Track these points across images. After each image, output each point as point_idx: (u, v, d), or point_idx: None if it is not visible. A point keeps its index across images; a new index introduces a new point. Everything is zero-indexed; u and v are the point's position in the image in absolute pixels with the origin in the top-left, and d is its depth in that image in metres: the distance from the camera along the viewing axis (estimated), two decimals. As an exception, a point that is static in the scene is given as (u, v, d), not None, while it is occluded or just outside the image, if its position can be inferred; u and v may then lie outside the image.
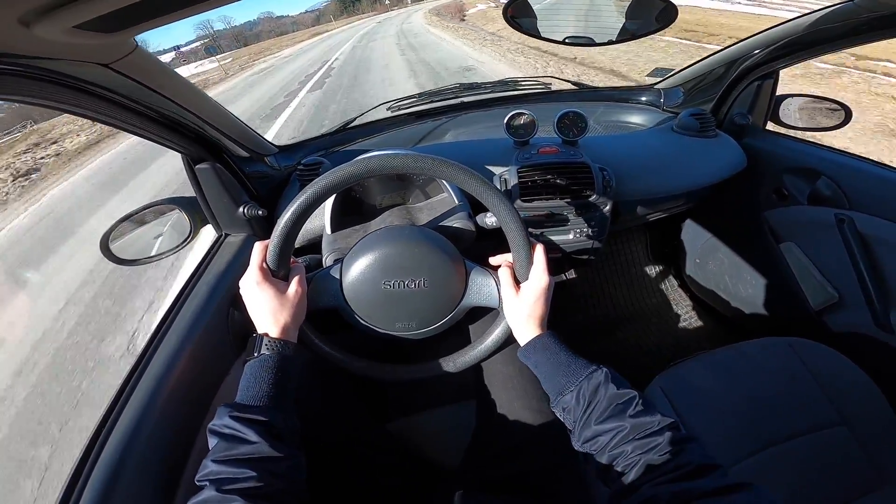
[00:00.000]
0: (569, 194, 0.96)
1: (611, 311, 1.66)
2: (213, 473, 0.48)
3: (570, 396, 0.58)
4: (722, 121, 1.18)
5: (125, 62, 0.58)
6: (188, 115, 0.79)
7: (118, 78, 0.61)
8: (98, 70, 0.57)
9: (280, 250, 0.63)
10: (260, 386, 0.56)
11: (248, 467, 0.48)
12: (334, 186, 0.61)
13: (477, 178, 0.63)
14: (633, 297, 1.70)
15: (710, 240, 1.47)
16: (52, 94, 0.54)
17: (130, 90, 0.65)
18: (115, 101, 0.64)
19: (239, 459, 0.49)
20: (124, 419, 0.64)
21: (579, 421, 0.56)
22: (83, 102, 0.60)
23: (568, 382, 0.59)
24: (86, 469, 0.58)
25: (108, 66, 0.57)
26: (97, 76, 0.59)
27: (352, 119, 1.34)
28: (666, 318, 1.60)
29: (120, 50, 0.56)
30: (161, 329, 0.80)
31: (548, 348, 0.63)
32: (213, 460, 0.49)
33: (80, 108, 0.60)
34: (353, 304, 0.68)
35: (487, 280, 0.70)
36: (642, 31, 0.86)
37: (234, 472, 0.48)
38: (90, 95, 0.60)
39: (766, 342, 0.94)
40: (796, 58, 0.97)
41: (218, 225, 1.01)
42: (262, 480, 0.48)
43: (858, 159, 1.04)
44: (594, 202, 0.98)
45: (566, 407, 0.58)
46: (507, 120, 1.04)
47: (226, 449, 0.50)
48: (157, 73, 0.67)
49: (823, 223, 1.04)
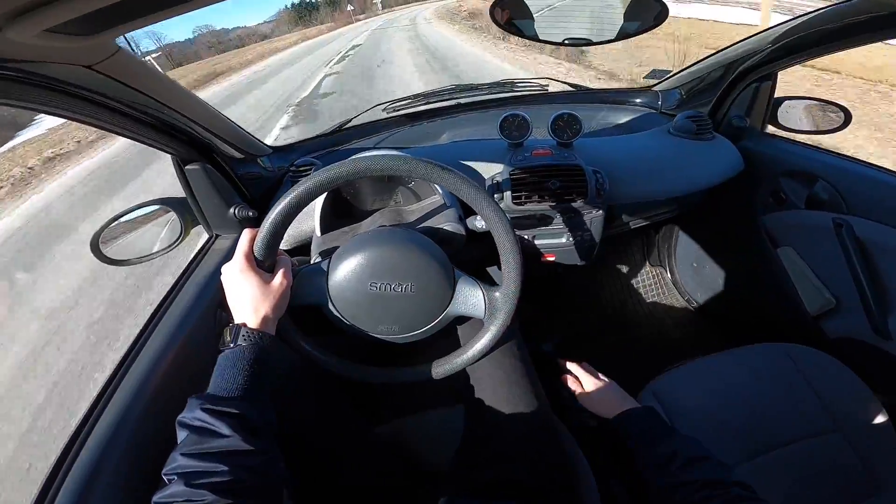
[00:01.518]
0: (562, 197, 0.95)
1: (605, 314, 1.65)
2: (182, 467, 0.46)
3: (664, 454, 0.63)
4: (719, 123, 1.17)
5: (108, 64, 0.58)
6: (176, 115, 0.78)
7: (102, 79, 0.60)
8: (81, 72, 0.57)
9: (269, 240, 0.62)
10: (235, 378, 0.54)
11: (220, 461, 0.46)
12: (327, 183, 0.60)
13: (465, 180, 0.62)
14: (628, 300, 1.69)
15: (708, 243, 1.46)
16: (35, 96, 0.54)
17: (115, 91, 0.65)
18: (99, 102, 0.64)
19: (210, 453, 0.47)
20: (106, 418, 0.64)
21: (662, 472, 0.61)
22: (67, 104, 0.59)
23: (670, 446, 0.63)
24: (64, 466, 0.58)
25: (90, 67, 0.57)
26: (80, 78, 0.58)
27: (347, 120, 1.33)
28: (661, 323, 1.59)
29: (102, 52, 0.56)
30: (147, 328, 0.80)
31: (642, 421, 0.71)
32: (183, 454, 0.47)
33: (64, 111, 0.59)
34: (338, 302, 0.67)
35: (474, 290, 0.69)
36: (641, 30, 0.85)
37: (205, 466, 0.46)
38: (73, 97, 0.60)
39: (762, 348, 0.94)
40: (795, 59, 0.95)
41: (209, 226, 1.01)
42: (235, 475, 0.46)
43: (857, 163, 1.02)
44: (588, 205, 0.97)
45: (665, 463, 0.62)
46: (501, 121, 1.03)
47: (196, 442, 0.48)
48: (143, 74, 0.66)
49: (821, 228, 1.03)
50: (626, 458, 0.67)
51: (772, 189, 1.16)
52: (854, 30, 0.80)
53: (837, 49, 0.87)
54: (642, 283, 1.71)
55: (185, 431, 0.49)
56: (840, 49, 0.87)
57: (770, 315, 1.27)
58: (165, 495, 0.44)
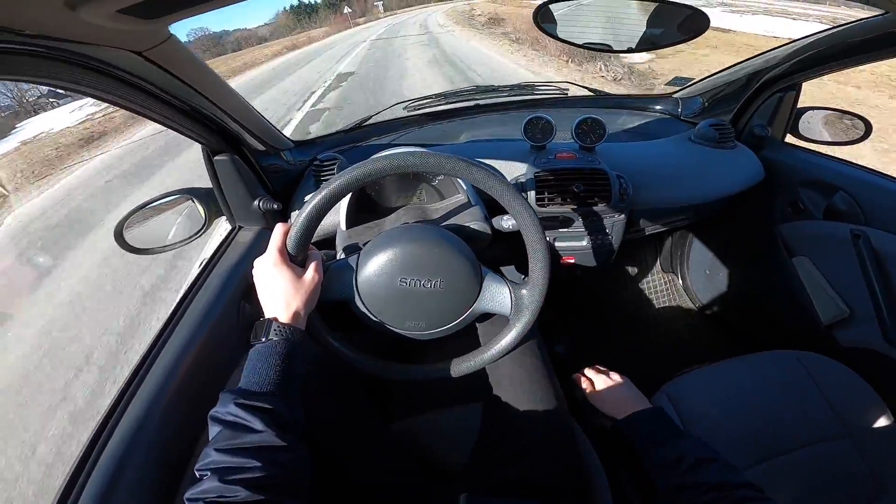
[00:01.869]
0: (585, 201, 0.96)
1: (619, 317, 1.66)
2: (215, 463, 0.46)
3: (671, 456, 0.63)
4: (741, 132, 1.17)
5: (158, 51, 0.59)
6: (212, 106, 0.79)
7: (149, 67, 0.61)
8: (131, 58, 0.58)
9: (302, 234, 0.62)
10: (267, 373, 0.54)
11: (253, 457, 0.46)
12: (364, 177, 0.61)
13: (500, 180, 0.63)
14: (643, 304, 1.70)
15: (722, 250, 1.46)
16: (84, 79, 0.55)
17: (160, 79, 0.66)
18: (144, 88, 0.65)
19: (243, 448, 0.47)
20: (133, 408, 0.64)
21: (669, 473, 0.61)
22: (113, 88, 0.60)
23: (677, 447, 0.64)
24: (93, 455, 0.58)
25: (141, 53, 0.57)
26: (130, 64, 0.59)
27: (368, 117, 1.34)
28: (674, 327, 1.59)
29: (154, 38, 0.56)
30: (173, 318, 0.80)
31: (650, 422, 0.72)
32: (217, 449, 0.47)
33: (108, 94, 0.60)
34: (367, 298, 0.68)
35: (501, 287, 0.70)
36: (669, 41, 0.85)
37: (239, 461, 0.46)
38: (121, 82, 0.60)
39: (774, 355, 0.94)
40: (821, 70, 0.96)
41: (232, 217, 1.02)
42: (267, 471, 0.46)
43: (877, 175, 1.03)
44: (610, 210, 0.98)
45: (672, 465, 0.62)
46: (525, 123, 1.04)
47: (230, 437, 0.48)
48: (188, 63, 0.67)
49: (838, 238, 1.04)
50: (635, 459, 0.68)
51: (790, 199, 1.17)
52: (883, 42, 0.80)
53: (864, 62, 0.88)
54: (655, 287, 1.71)
55: (219, 426, 0.50)
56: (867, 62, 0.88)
57: (783, 323, 1.28)
58: (198, 492, 0.45)
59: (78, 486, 0.54)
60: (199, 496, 0.44)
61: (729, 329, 1.48)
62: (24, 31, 0.43)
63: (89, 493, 0.54)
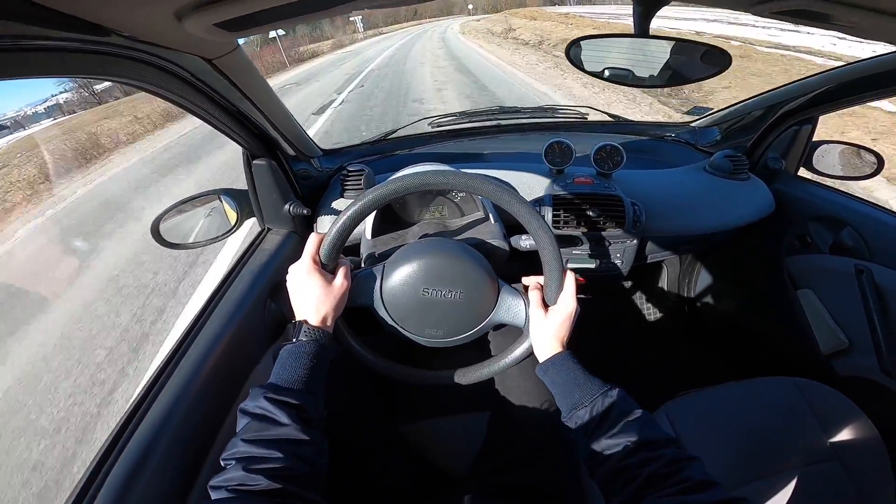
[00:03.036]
0: (599, 225, 1.00)
1: (624, 336, 1.68)
2: (241, 452, 0.49)
3: (584, 412, 0.60)
4: (755, 164, 1.20)
5: (225, 59, 0.64)
6: (258, 113, 0.84)
7: (214, 73, 0.66)
8: (202, 63, 0.63)
9: (335, 244, 0.66)
10: (295, 370, 0.57)
11: (277, 449, 0.49)
12: (393, 194, 0.65)
13: (523, 202, 0.66)
14: (648, 325, 1.72)
15: (728, 278, 1.48)
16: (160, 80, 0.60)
17: (219, 84, 0.71)
18: (205, 92, 0.70)
19: (268, 440, 0.50)
20: (165, 395, 0.67)
21: (590, 434, 0.58)
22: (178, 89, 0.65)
23: (583, 398, 0.61)
24: (122, 440, 0.61)
25: (210, 61, 0.62)
26: (199, 69, 0.64)
27: (393, 130, 1.39)
28: (676, 350, 1.61)
29: (225, 48, 0.61)
30: (204, 314, 0.84)
31: (566, 365, 0.66)
32: (244, 440, 0.49)
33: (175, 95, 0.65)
34: (390, 305, 0.71)
35: (517, 300, 0.73)
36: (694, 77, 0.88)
37: (263, 452, 0.48)
38: (186, 84, 0.66)
39: (773, 381, 0.96)
40: (839, 104, 0.98)
41: (262, 219, 1.06)
42: (288, 462, 0.49)
43: (885, 211, 1.05)
44: (623, 235, 1.01)
45: (578, 421, 0.60)
46: (546, 147, 1.08)
47: (257, 429, 0.51)
48: (246, 71, 0.73)
49: (842, 273, 1.06)
50: None
51: (799, 232, 1.19)
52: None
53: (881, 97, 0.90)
54: (662, 310, 1.73)
55: (247, 419, 0.52)
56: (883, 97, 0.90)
57: (783, 350, 1.30)
58: (222, 479, 0.47)
59: (107, 465, 0.58)
60: (221, 483, 0.47)
61: (731, 354, 1.50)
62: (131, 36, 0.48)
63: (117, 473, 0.57)
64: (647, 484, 0.49)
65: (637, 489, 0.50)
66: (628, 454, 0.53)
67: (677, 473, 0.49)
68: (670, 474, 0.49)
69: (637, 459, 0.52)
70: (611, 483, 0.54)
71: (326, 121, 7.53)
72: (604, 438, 0.56)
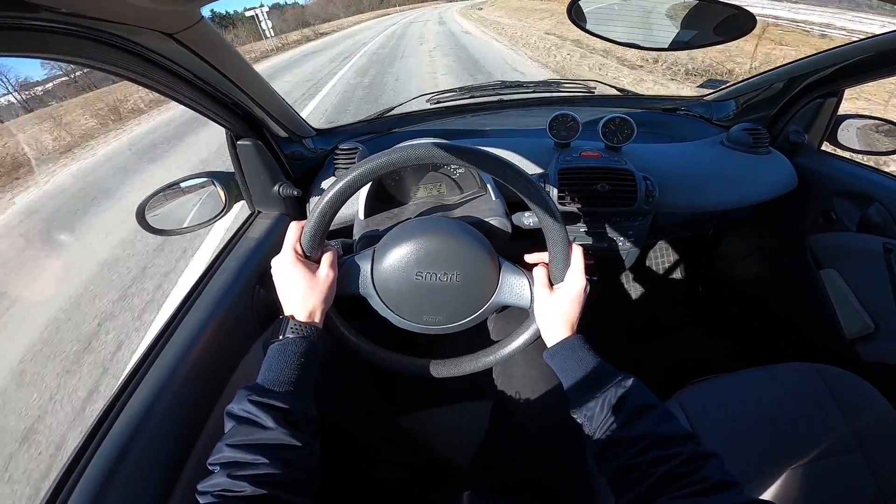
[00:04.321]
0: (609, 201, 0.94)
1: (635, 322, 1.62)
2: (225, 457, 0.47)
3: (595, 403, 0.56)
4: (776, 137, 1.13)
5: (188, 33, 0.58)
6: (238, 91, 0.79)
7: (180, 49, 0.61)
8: (164, 40, 0.58)
9: (315, 232, 0.61)
10: (282, 370, 0.55)
11: (262, 454, 0.47)
12: (375, 171, 0.59)
13: (522, 174, 0.61)
14: (661, 309, 1.66)
15: (747, 258, 1.42)
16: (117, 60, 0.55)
17: (190, 63, 0.65)
18: (174, 71, 0.65)
19: (253, 445, 0.48)
20: (142, 391, 0.64)
21: (600, 427, 0.54)
22: (144, 70, 0.60)
23: (594, 388, 0.57)
24: (97, 437, 0.58)
25: (172, 35, 0.57)
26: (161, 46, 0.59)
27: (390, 108, 1.33)
28: (692, 334, 1.56)
29: (186, 20, 0.56)
30: (189, 299, 0.81)
31: (576, 352, 0.62)
32: (228, 444, 0.48)
33: (139, 76, 0.60)
34: (383, 292, 0.67)
35: (520, 279, 0.68)
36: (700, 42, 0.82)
37: (247, 457, 0.47)
38: (152, 64, 0.60)
39: (793, 367, 0.92)
40: (866, 77, 0.92)
41: (251, 202, 1.02)
42: (274, 468, 0.47)
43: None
44: (634, 211, 0.95)
45: (588, 413, 0.56)
46: (551, 120, 1.01)
47: (241, 433, 0.49)
48: (217, 46, 0.67)
49: (870, 252, 1.00)
50: None
51: (823, 208, 1.13)
52: None
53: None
54: (676, 292, 1.67)
55: (232, 422, 0.50)
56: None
57: (805, 334, 1.24)
58: (208, 485, 0.46)
59: (79, 467, 0.55)
60: (208, 489, 0.46)
61: (749, 339, 1.44)
62: (61, 10, 0.43)
63: (91, 475, 0.54)
64: (660, 483, 0.46)
65: (649, 488, 0.46)
66: (641, 451, 0.49)
67: (694, 473, 0.45)
68: (686, 474, 0.46)
69: (651, 457, 0.48)
70: (621, 480, 0.50)
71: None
72: (615, 432, 0.52)
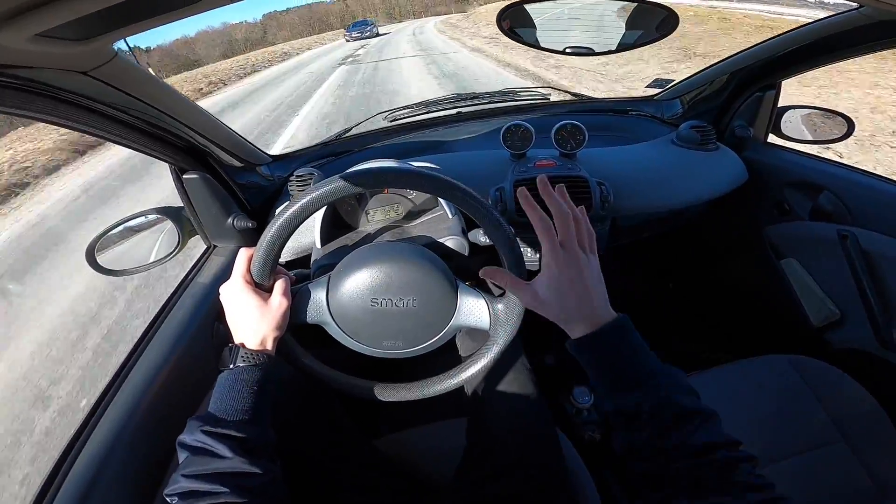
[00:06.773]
0: None
1: None
2: (182, 488, 0.46)
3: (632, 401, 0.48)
4: (723, 133, 1.16)
5: (105, 69, 0.56)
6: (174, 123, 0.77)
7: (99, 86, 0.59)
8: (78, 78, 0.56)
9: (264, 261, 0.60)
10: (234, 399, 0.53)
11: (221, 483, 0.46)
12: (323, 198, 0.58)
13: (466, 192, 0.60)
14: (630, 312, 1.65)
15: (710, 255, 1.45)
16: (31, 104, 0.52)
17: (113, 98, 0.63)
18: (96, 109, 0.62)
19: (211, 475, 0.47)
20: (101, 429, 0.63)
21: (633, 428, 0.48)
22: (62, 112, 0.57)
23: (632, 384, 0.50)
24: (57, 479, 0.56)
25: (86, 73, 0.55)
26: (77, 85, 0.57)
27: (348, 129, 1.32)
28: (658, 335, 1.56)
29: (98, 58, 0.54)
30: (144, 339, 0.79)
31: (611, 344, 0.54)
32: (184, 475, 0.47)
33: (59, 118, 0.58)
34: (339, 320, 0.65)
35: (478, 301, 0.67)
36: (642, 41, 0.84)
37: (206, 487, 0.46)
38: (69, 104, 0.58)
39: (767, 360, 0.93)
40: (799, 68, 0.95)
41: (206, 236, 0.99)
42: (234, 496, 0.46)
43: (863, 173, 1.02)
44: (592, 217, 0.95)
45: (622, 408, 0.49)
46: (503, 132, 1.02)
47: (197, 463, 0.48)
48: (141, 80, 0.65)
49: (825, 239, 1.02)
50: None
51: (776, 200, 1.15)
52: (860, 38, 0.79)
53: (842, 58, 0.87)
54: (645, 295, 1.69)
55: (186, 452, 0.49)
56: (845, 58, 0.87)
57: (774, 326, 1.26)
58: None
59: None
60: None
61: (722, 334, 1.46)
62: None
63: None
64: (688, 490, 0.43)
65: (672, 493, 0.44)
66: (677, 458, 0.44)
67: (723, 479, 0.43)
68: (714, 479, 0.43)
69: (686, 465, 0.44)
70: (645, 483, 0.46)
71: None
72: (652, 437, 0.46)
